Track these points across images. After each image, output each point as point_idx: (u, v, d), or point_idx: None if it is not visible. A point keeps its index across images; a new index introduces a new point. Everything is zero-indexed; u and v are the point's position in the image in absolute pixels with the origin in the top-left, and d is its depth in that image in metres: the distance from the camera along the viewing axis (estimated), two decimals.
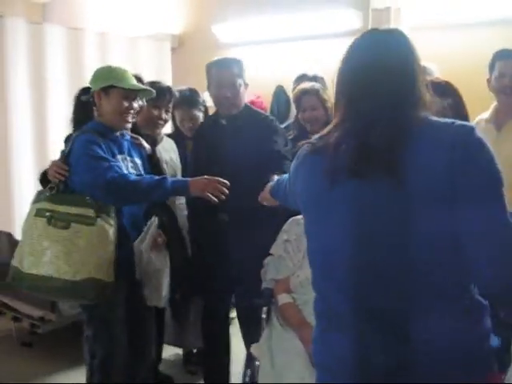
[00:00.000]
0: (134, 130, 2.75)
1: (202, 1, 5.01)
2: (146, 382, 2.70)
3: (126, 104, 2.33)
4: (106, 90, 2.33)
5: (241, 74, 2.68)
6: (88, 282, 2.14)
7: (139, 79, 2.74)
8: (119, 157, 2.35)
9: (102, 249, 2.17)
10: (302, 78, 3.50)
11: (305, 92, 3.03)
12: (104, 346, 2.34)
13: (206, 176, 2.27)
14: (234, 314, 2.98)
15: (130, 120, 2.38)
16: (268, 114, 3.06)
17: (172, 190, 2.25)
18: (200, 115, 3.22)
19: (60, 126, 3.51)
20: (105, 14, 4.75)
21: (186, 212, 2.99)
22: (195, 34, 5.02)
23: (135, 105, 2.38)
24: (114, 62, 4.57)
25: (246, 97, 3.57)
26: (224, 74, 2.66)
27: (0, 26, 3.86)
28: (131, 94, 2.35)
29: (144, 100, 2.68)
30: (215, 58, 2.78)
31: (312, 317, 2.23)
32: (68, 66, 4.18)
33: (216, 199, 2.23)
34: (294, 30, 4.36)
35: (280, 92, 4.54)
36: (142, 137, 2.75)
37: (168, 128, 3.35)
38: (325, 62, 4.17)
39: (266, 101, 4.57)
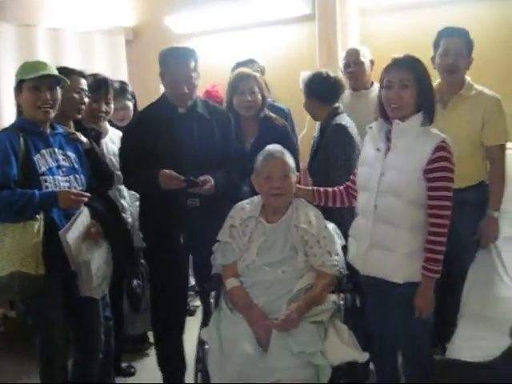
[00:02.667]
0: (79, 124, 2.78)
1: None
2: (102, 375, 2.74)
3: (36, 95, 2.33)
4: (19, 86, 2.36)
5: (196, 68, 2.68)
6: (14, 276, 2.19)
7: (79, 73, 2.75)
8: (44, 151, 2.35)
9: (27, 243, 2.21)
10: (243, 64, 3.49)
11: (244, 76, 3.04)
12: (42, 334, 2.39)
13: (71, 190, 2.33)
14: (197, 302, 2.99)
15: (49, 110, 2.36)
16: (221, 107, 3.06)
17: (40, 204, 2.25)
18: (130, 105, 3.33)
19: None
20: (57, 9, 4.70)
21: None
22: (148, 26, 5.01)
23: (49, 95, 2.35)
24: (68, 57, 4.59)
25: (202, 86, 3.62)
26: (181, 68, 2.63)
27: None
28: (40, 84, 2.33)
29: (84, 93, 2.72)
30: (169, 48, 2.73)
31: (259, 299, 2.34)
32: (20, 63, 4.16)
33: None
34: (245, 17, 4.39)
35: None
36: (86, 130, 2.77)
37: None
38: (276, 48, 4.27)
39: (222, 90, 4.58)
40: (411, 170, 2.13)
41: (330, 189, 2.58)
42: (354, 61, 3.43)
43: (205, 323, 2.47)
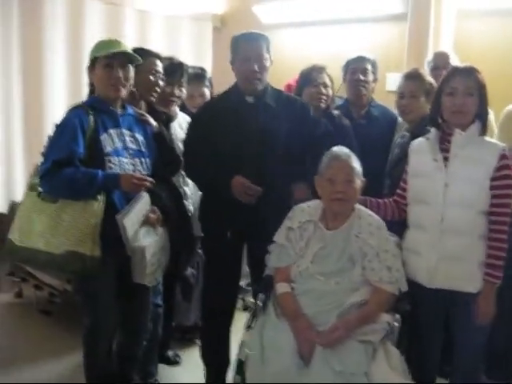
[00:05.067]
0: (151, 106, 2.75)
1: None
2: (145, 360, 2.72)
3: (108, 72, 2.30)
4: (93, 63, 2.34)
5: (268, 49, 2.59)
6: (70, 255, 2.16)
7: (155, 55, 2.72)
8: (112, 131, 2.32)
9: (85, 223, 2.18)
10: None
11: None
12: (90, 317, 2.38)
13: (134, 174, 2.29)
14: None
15: (121, 89, 2.33)
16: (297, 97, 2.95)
17: (103, 185, 2.21)
18: (207, 92, 3.27)
19: None
20: None
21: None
22: (237, 15, 4.95)
23: (121, 73, 2.32)
24: (153, 40, 4.62)
25: (285, 80, 3.54)
26: (252, 47, 2.55)
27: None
28: (113, 61, 2.30)
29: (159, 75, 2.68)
30: (245, 31, 2.66)
31: (308, 308, 2.22)
32: None
33: None
34: (335, 12, 4.24)
35: None
36: (158, 114, 2.73)
37: None
38: (364, 46, 4.08)
39: None
40: (480, 180, 2.15)
41: (382, 200, 2.48)
42: (443, 64, 3.20)
43: (250, 325, 2.38)
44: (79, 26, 4.14)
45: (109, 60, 2.30)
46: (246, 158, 2.52)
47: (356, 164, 2.31)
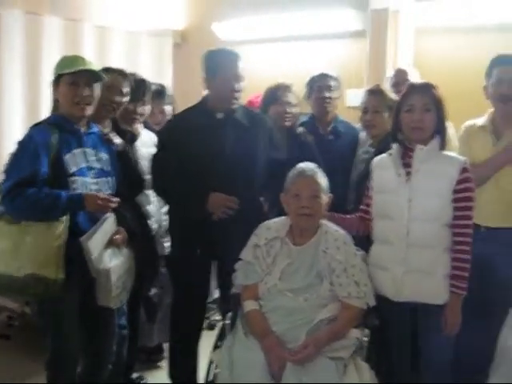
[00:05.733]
0: (115, 124, 2.70)
1: None
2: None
3: (74, 90, 2.25)
4: (57, 80, 2.29)
5: (243, 70, 2.62)
6: (32, 278, 2.11)
7: (120, 72, 2.68)
8: (76, 150, 2.27)
9: (48, 245, 2.12)
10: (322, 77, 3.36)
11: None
12: (53, 341, 2.30)
13: (99, 194, 2.24)
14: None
15: (86, 107, 2.29)
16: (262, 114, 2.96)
17: (67, 206, 2.16)
18: (169, 109, 3.25)
19: None
20: (106, 7, 4.68)
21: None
22: (197, 31, 4.94)
23: (87, 91, 2.27)
24: (113, 56, 4.56)
25: (244, 97, 3.54)
26: (233, 65, 2.57)
27: None
28: (79, 79, 2.25)
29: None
30: (217, 49, 2.71)
31: (277, 325, 2.20)
32: None
33: None
34: (294, 29, 4.27)
35: None
36: (122, 132, 2.70)
37: None
38: (323, 62, 4.12)
39: None
40: (443, 193, 2.18)
41: (348, 215, 2.51)
42: (403, 81, 3.26)
43: (218, 344, 2.34)
44: (37, 41, 4.04)
45: (74, 78, 2.26)
46: (215, 174, 2.51)
47: (322, 179, 2.32)
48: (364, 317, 2.27)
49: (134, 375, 3.12)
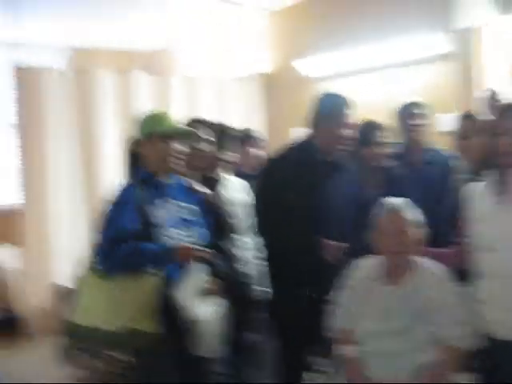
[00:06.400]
0: (200, 174, 2.75)
1: (287, 37, 5.00)
2: None
3: (165, 148, 2.31)
4: (147, 137, 2.34)
5: None
6: (128, 332, 2.15)
7: (206, 123, 2.74)
8: (167, 204, 2.31)
9: (142, 298, 2.16)
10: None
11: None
12: None
13: (189, 245, 2.26)
14: None
15: (176, 164, 2.34)
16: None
17: (159, 260, 2.20)
18: (260, 152, 3.30)
19: None
20: (193, 60, 4.89)
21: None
22: (284, 72, 5.00)
23: (178, 148, 2.33)
24: (202, 104, 4.72)
25: None
26: (349, 113, 2.64)
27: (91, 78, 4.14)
28: (169, 137, 2.31)
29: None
30: (335, 93, 2.75)
31: (375, 372, 2.08)
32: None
33: None
34: (376, 59, 4.22)
35: None
36: (207, 180, 2.74)
37: None
38: (410, 89, 3.99)
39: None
40: None
41: (444, 250, 2.35)
42: (494, 101, 3.07)
43: None
44: (127, 97, 4.29)
45: (167, 136, 2.31)
46: (325, 217, 2.55)
47: (411, 214, 2.20)
48: (469, 360, 2.09)
49: None
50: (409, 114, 3.17)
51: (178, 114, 2.67)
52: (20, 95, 3.93)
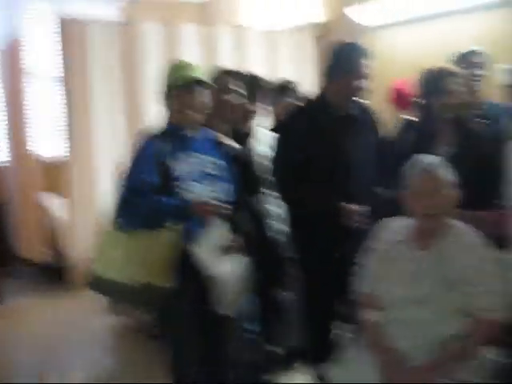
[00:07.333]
0: (230, 126, 2.65)
1: None
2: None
3: (184, 99, 2.24)
4: (169, 88, 2.28)
5: None
6: (145, 287, 2.13)
7: (232, 73, 2.63)
8: (191, 158, 2.26)
9: (160, 253, 2.13)
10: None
11: None
12: (172, 348, 2.32)
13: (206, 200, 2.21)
14: None
15: (197, 115, 2.26)
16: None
17: (177, 214, 2.17)
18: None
19: None
20: (241, 8, 4.73)
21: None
22: (337, 21, 4.75)
23: (200, 98, 2.25)
24: (252, 56, 4.59)
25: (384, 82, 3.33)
26: (365, 63, 2.46)
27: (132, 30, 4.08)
28: (189, 88, 2.23)
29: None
30: (348, 43, 2.60)
31: (399, 341, 1.95)
32: (203, 63, 4.23)
33: None
34: (434, 6, 3.93)
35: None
36: (238, 133, 2.64)
37: None
38: (466, 39, 3.68)
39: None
40: None
41: (485, 212, 2.21)
42: None
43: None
44: (174, 49, 4.21)
45: (186, 86, 2.25)
46: (343, 175, 2.45)
47: (445, 174, 2.02)
48: (504, 334, 1.92)
49: (265, 377, 3.06)
50: (467, 63, 2.94)
51: (227, 66, 2.64)
52: (65, 48, 3.93)
